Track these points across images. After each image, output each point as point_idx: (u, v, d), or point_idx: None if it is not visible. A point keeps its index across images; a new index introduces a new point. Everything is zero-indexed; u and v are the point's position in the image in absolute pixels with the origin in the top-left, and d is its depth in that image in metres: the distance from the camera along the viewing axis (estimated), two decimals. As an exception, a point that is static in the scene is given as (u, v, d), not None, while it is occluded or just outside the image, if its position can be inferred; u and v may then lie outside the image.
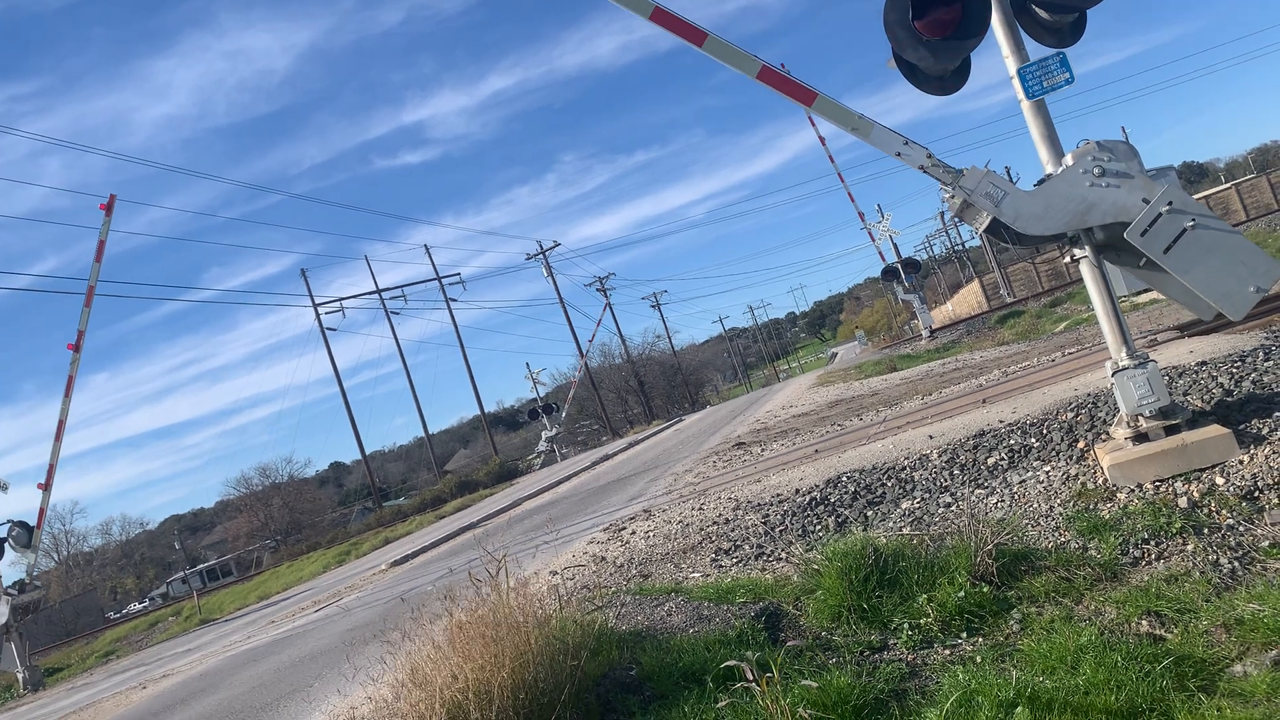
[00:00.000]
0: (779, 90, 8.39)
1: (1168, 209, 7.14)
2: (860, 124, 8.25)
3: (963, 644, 6.08)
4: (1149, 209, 7.18)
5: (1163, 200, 7.17)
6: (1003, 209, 7.65)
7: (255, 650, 16.27)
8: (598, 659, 6.26)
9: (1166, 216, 7.14)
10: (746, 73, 8.46)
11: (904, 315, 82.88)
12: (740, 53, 8.47)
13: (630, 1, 8.67)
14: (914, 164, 8.04)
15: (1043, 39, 8.26)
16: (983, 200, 7.70)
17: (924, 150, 8.02)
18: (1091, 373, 12.40)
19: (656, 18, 8.61)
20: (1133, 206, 7.29)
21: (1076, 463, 8.20)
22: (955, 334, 44.58)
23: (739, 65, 8.46)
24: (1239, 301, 7.17)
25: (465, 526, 26.91)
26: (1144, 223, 7.18)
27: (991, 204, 7.68)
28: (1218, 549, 6.33)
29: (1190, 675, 4.92)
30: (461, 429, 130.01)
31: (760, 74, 8.40)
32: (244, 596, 39.26)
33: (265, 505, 75.97)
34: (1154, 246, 7.18)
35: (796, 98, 8.39)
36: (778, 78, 8.41)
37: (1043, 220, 7.60)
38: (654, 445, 34.59)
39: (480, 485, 54.04)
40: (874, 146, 8.17)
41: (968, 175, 7.79)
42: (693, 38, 8.53)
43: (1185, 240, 7.12)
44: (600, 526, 13.36)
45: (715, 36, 8.48)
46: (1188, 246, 7.12)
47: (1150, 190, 7.26)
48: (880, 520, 8.61)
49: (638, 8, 8.66)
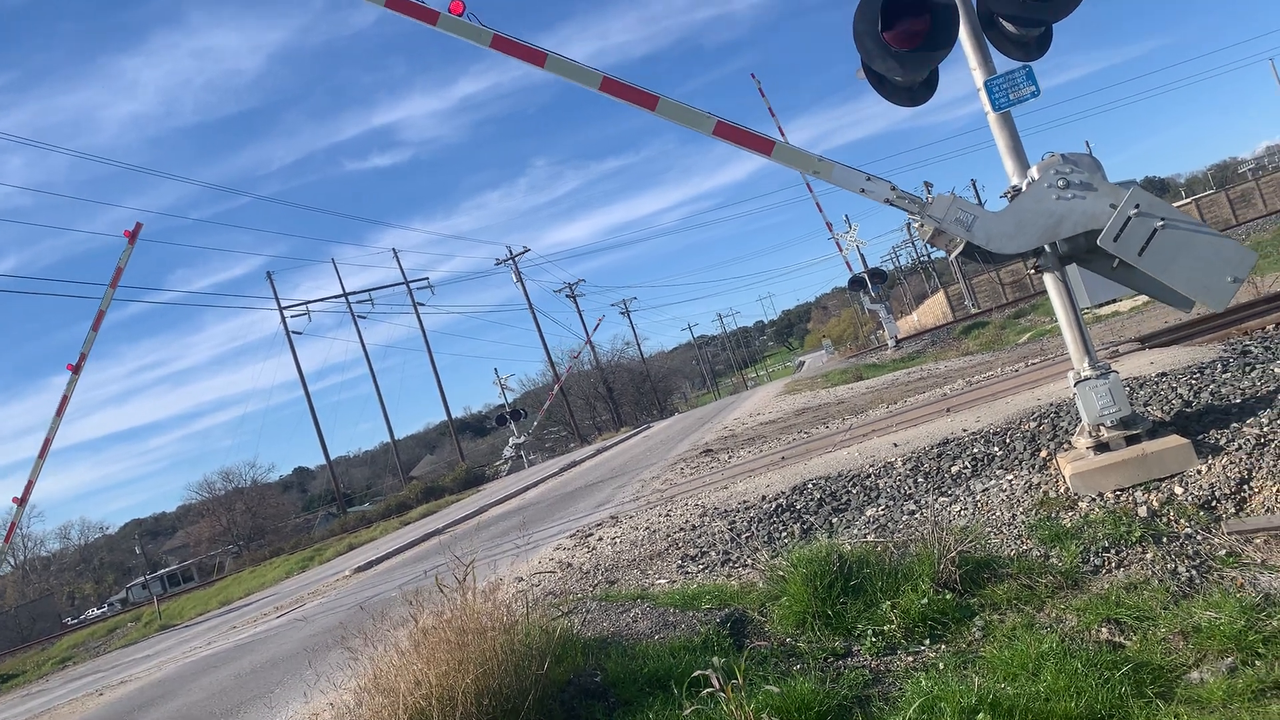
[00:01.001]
0: (737, 143, 8.59)
1: (1136, 212, 7.24)
2: (820, 166, 8.37)
3: (926, 651, 6.12)
4: (1117, 214, 7.27)
5: (1130, 204, 7.27)
6: (974, 233, 7.74)
7: (216, 656, 16.06)
8: (563, 665, 6.24)
9: (1136, 220, 7.24)
10: (702, 130, 8.65)
11: (870, 325, 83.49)
12: (693, 112, 8.64)
13: (580, 75, 8.89)
14: (879, 198, 8.15)
15: (1010, 52, 8.35)
16: (954, 227, 7.78)
17: (887, 184, 8.12)
18: (1054, 383, 12.54)
19: (606, 87, 8.81)
20: (1101, 214, 7.38)
21: (1039, 472, 8.28)
22: (920, 344, 44.96)
23: (694, 124, 8.67)
24: (1219, 293, 7.28)
25: (430, 533, 26.74)
26: (1115, 228, 7.28)
27: (963, 229, 7.76)
28: (1176, 558, 6.42)
29: (1149, 682, 4.98)
30: (428, 434, 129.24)
31: (716, 130, 8.58)
32: (205, 602, 38.76)
33: (228, 510, 75.06)
34: (1128, 250, 7.28)
35: (755, 148, 8.55)
36: (735, 131, 8.57)
37: (1015, 238, 7.68)
38: (622, 452, 34.58)
39: (446, 491, 53.71)
40: (837, 186, 8.29)
41: (935, 203, 7.86)
42: (645, 103, 8.74)
43: (1157, 241, 7.22)
44: (567, 533, 13.33)
45: (666, 99, 8.68)
46: (1161, 246, 7.23)
47: (1116, 196, 7.36)
48: (845, 527, 8.65)
49: (588, 80, 8.88)
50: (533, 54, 8.96)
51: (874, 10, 7.79)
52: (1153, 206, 7.28)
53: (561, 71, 8.92)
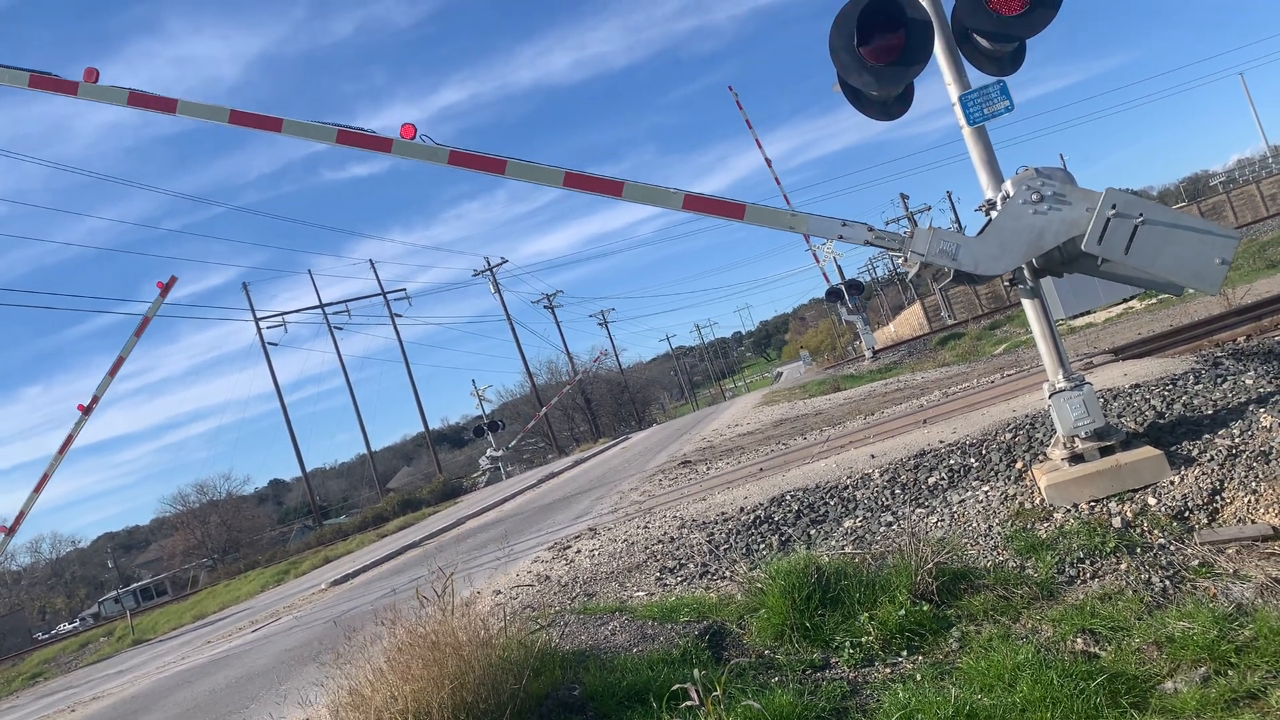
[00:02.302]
0: (709, 213, 8.79)
1: (1114, 213, 7.31)
2: (795, 221, 8.49)
3: (903, 662, 6.14)
4: (1096, 217, 7.34)
5: (1106, 205, 7.34)
6: (961, 261, 7.80)
7: (190, 671, 15.89)
8: (540, 679, 6.21)
9: (1115, 220, 7.31)
10: (671, 207, 8.79)
11: (848, 336, 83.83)
12: (660, 191, 8.80)
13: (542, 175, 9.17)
14: (858, 241, 8.25)
15: (984, 67, 8.44)
16: (940, 258, 7.85)
17: (863, 226, 8.22)
18: (1029, 394, 12.63)
19: (569, 183, 8.98)
20: (1081, 219, 7.45)
21: (1015, 483, 8.34)
22: (897, 355, 45.20)
23: (662, 203, 8.87)
24: (1210, 277, 7.35)
25: (407, 545, 26.58)
26: (1096, 231, 7.35)
27: (949, 259, 7.83)
28: (1150, 568, 6.48)
29: (1123, 692, 5.01)
30: (405, 446, 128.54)
31: (685, 204, 8.69)
32: (179, 616, 38.34)
33: (202, 523, 74.26)
34: (1113, 250, 7.34)
35: (728, 215, 8.70)
36: (705, 201, 8.73)
37: (1001, 258, 7.74)
38: (600, 463, 34.53)
39: (424, 503, 53.43)
40: (815, 235, 8.37)
41: (916, 239, 7.93)
42: (611, 190, 8.94)
43: (1140, 237, 7.29)
44: (545, 545, 13.29)
45: (632, 183, 8.85)
46: (1144, 241, 7.29)
47: (1091, 200, 7.43)
48: (823, 539, 8.67)
49: (550, 179, 9.05)
50: (492, 163, 9.18)
51: (850, 25, 7.86)
52: (1129, 205, 7.34)
53: (522, 175, 9.11)
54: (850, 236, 8.22)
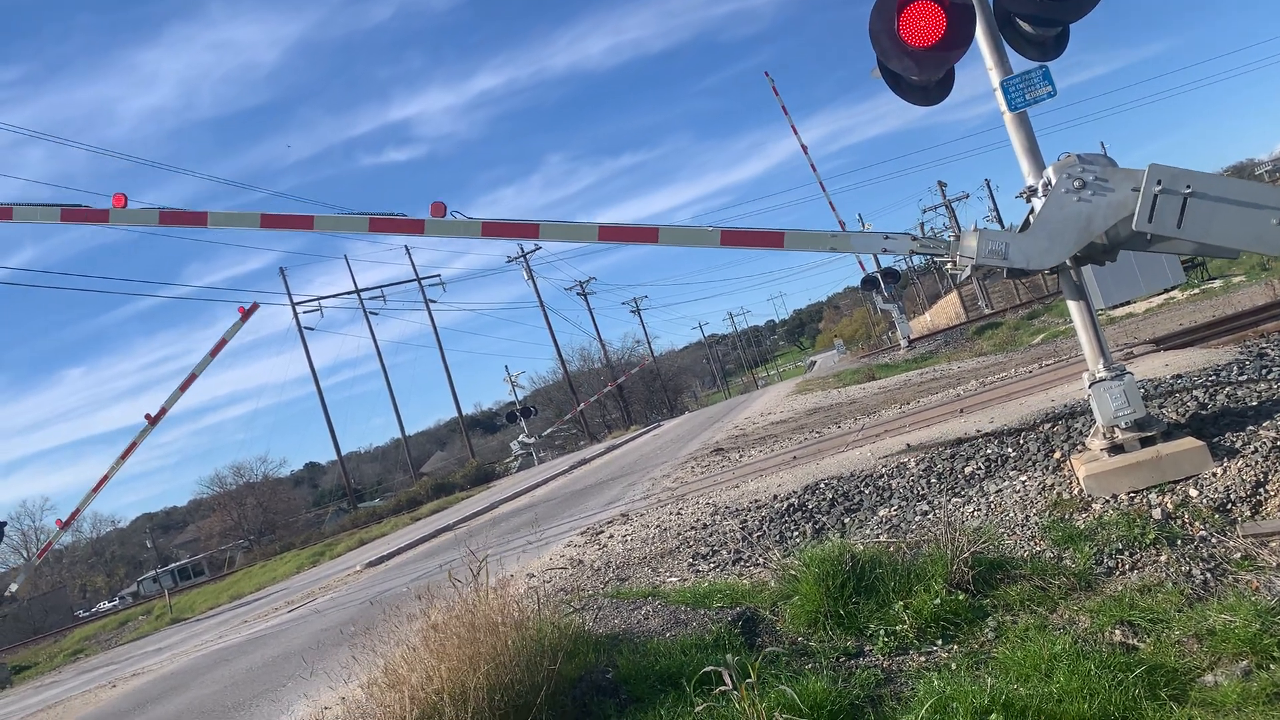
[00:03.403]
0: (746, 245, 8.88)
1: (1159, 189, 7.20)
2: (837, 241, 8.50)
3: (938, 651, 6.11)
4: (1143, 195, 7.23)
5: (1151, 182, 7.22)
6: (1012, 258, 7.74)
7: (227, 650, 16.14)
8: (574, 661, 6.25)
9: (1162, 196, 7.20)
10: (710, 244, 8.88)
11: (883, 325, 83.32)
12: (697, 231, 8.89)
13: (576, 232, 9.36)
14: (903, 252, 8.26)
15: (1026, 52, 8.32)
16: (990, 259, 7.79)
17: (907, 237, 8.27)
18: (1068, 384, 12.49)
19: (604, 236, 9.17)
20: (1128, 200, 7.35)
21: (1052, 473, 8.26)
22: (933, 344, 44.81)
23: (700, 242, 9.01)
24: (1272, 239, 7.22)
25: (441, 529, 26.81)
26: (1145, 210, 7.24)
27: (1000, 258, 7.78)
28: (1190, 560, 6.39)
29: (1162, 684, 4.96)
30: (439, 431, 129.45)
31: (723, 239, 8.77)
32: (216, 596, 38.92)
33: (239, 505, 75.28)
34: (1166, 225, 7.23)
35: (767, 244, 8.75)
36: (740, 234, 8.82)
37: (1052, 250, 7.65)
38: (632, 450, 34.59)
39: (457, 488, 53.84)
40: (858, 252, 8.42)
41: (964, 243, 7.87)
42: (647, 237, 9.03)
43: (1191, 208, 7.17)
44: (578, 530, 13.35)
45: (666, 228, 8.92)
46: (1196, 212, 7.18)
47: (1135, 179, 7.32)
48: (857, 527, 8.64)
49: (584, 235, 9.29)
50: (526, 229, 9.32)
51: (890, 9, 7.77)
52: (1175, 178, 7.21)
53: (555, 236, 9.35)
54: (895, 249, 8.27)
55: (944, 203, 77.74)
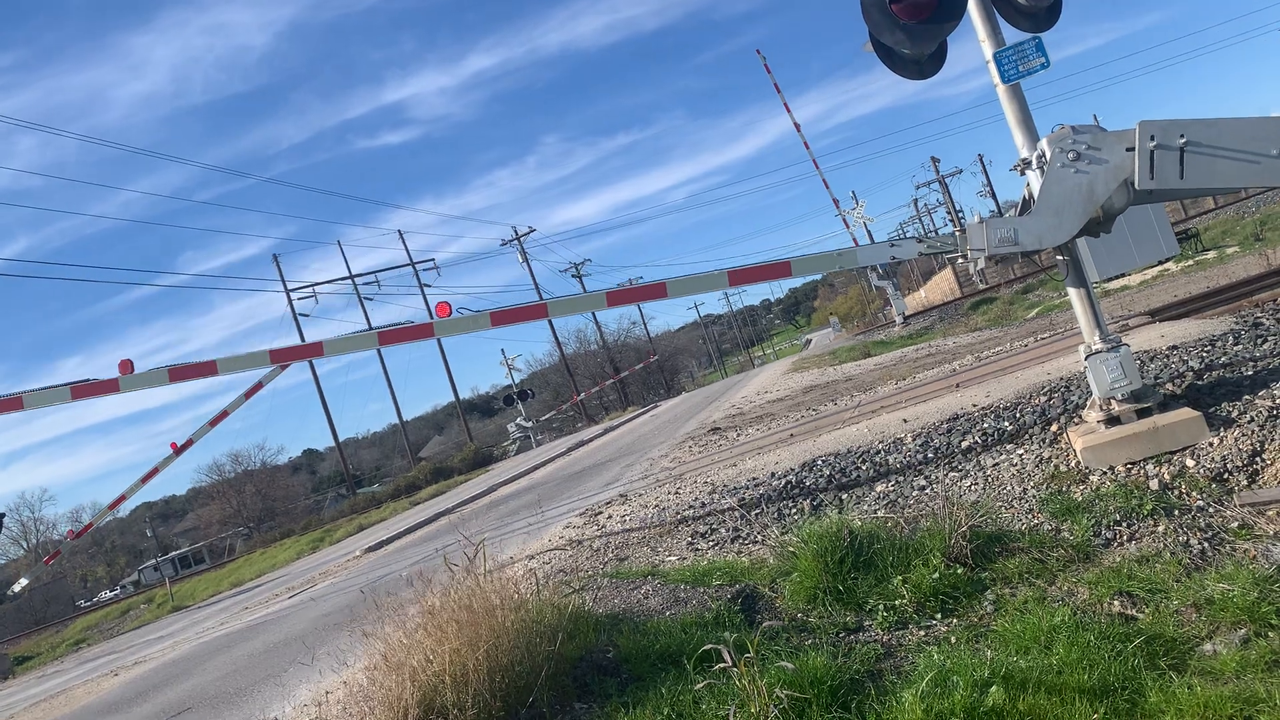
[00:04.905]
0: (755, 280, 9.04)
1: (1154, 144, 7.17)
2: (843, 258, 8.58)
3: (937, 625, 6.12)
4: (1139, 154, 7.20)
5: (1145, 138, 7.19)
6: (1023, 242, 7.71)
7: (229, 636, 16.17)
8: (574, 641, 6.25)
9: (1159, 151, 7.17)
10: (719, 287, 9.17)
11: (878, 302, 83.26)
12: (706, 277, 8.99)
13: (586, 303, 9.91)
14: (911, 255, 8.37)
15: (1019, 23, 8.27)
16: (1002, 246, 7.76)
17: (913, 240, 8.36)
18: (1064, 357, 12.49)
19: (613, 300, 9.48)
20: (1125, 161, 7.32)
21: (1049, 446, 8.26)
22: (928, 320, 44.85)
23: (709, 287, 9.11)
24: (1275, 170, 7.17)
25: (440, 513, 26.83)
26: (1144, 167, 7.21)
27: (1011, 244, 7.75)
28: (1188, 530, 6.40)
29: (1161, 654, 4.98)
30: (436, 415, 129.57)
31: (731, 279, 8.95)
32: (217, 584, 39.01)
33: (238, 492, 75.50)
34: (1169, 179, 7.20)
35: (776, 276, 8.89)
36: (749, 272, 8.93)
37: (1061, 226, 7.61)
38: (630, 431, 34.62)
39: (455, 471, 53.88)
40: (868, 264, 8.50)
41: (971, 236, 7.84)
42: (656, 294, 9.25)
43: (1189, 158, 7.14)
44: (576, 511, 13.36)
45: (674, 280, 9.10)
46: (1195, 161, 7.15)
47: (1128, 139, 7.29)
48: (855, 503, 8.65)
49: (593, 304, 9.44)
50: (535, 310, 9.53)
51: (882, -18, 7.72)
52: (1167, 131, 7.18)
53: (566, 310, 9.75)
54: (903, 254, 8.33)
55: (937, 178, 77.63)
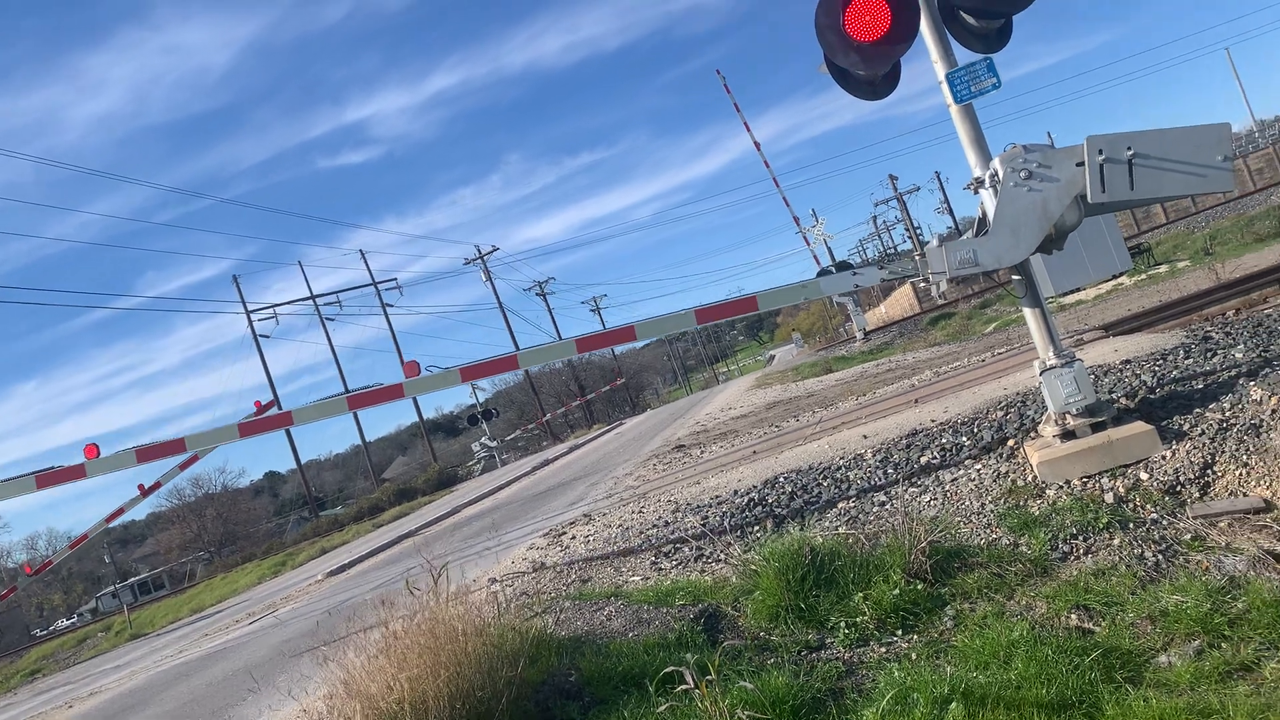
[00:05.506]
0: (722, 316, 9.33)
1: (1102, 158, 7.29)
2: (808, 290, 8.75)
3: (898, 641, 6.15)
4: (1089, 168, 7.33)
5: (1093, 152, 7.32)
6: (983, 262, 7.81)
7: (187, 665, 15.89)
8: (536, 666, 6.21)
9: (1107, 165, 7.29)
10: (687, 326, 9.34)
11: (839, 317, 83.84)
12: (674, 317, 9.28)
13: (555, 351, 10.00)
14: (873, 282, 8.54)
15: (970, 45, 8.41)
16: (962, 268, 7.86)
17: (875, 267, 8.57)
18: (1020, 372, 12.65)
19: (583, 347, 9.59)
20: (1076, 176, 7.44)
21: (1007, 460, 8.35)
22: (889, 335, 45.23)
23: (676, 327, 9.48)
24: (1220, 177, 7.31)
25: (404, 535, 26.59)
26: (1095, 181, 7.33)
27: (971, 265, 7.84)
28: (1142, 543, 6.49)
29: (1118, 667, 5.03)
30: (400, 436, 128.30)
31: (699, 317, 9.12)
32: (177, 610, 38.31)
33: (198, 517, 74.31)
34: (1120, 192, 7.33)
35: (742, 311, 9.10)
36: (716, 309, 9.11)
37: (1019, 244, 7.72)
38: (595, 449, 34.55)
39: (419, 492, 53.46)
40: (832, 293, 8.67)
41: (931, 259, 7.95)
42: (625, 338, 9.50)
43: (1137, 169, 7.27)
44: (540, 532, 13.29)
45: (642, 323, 9.36)
46: (1143, 172, 7.28)
47: (1076, 154, 7.42)
48: (817, 520, 8.68)
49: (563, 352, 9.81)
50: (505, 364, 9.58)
51: (836, 4, 7.81)
52: (1113, 144, 7.31)
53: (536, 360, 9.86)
54: (865, 281, 8.52)
55: (896, 195, 78.46)
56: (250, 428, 10.12)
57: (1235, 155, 8.22)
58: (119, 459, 10.35)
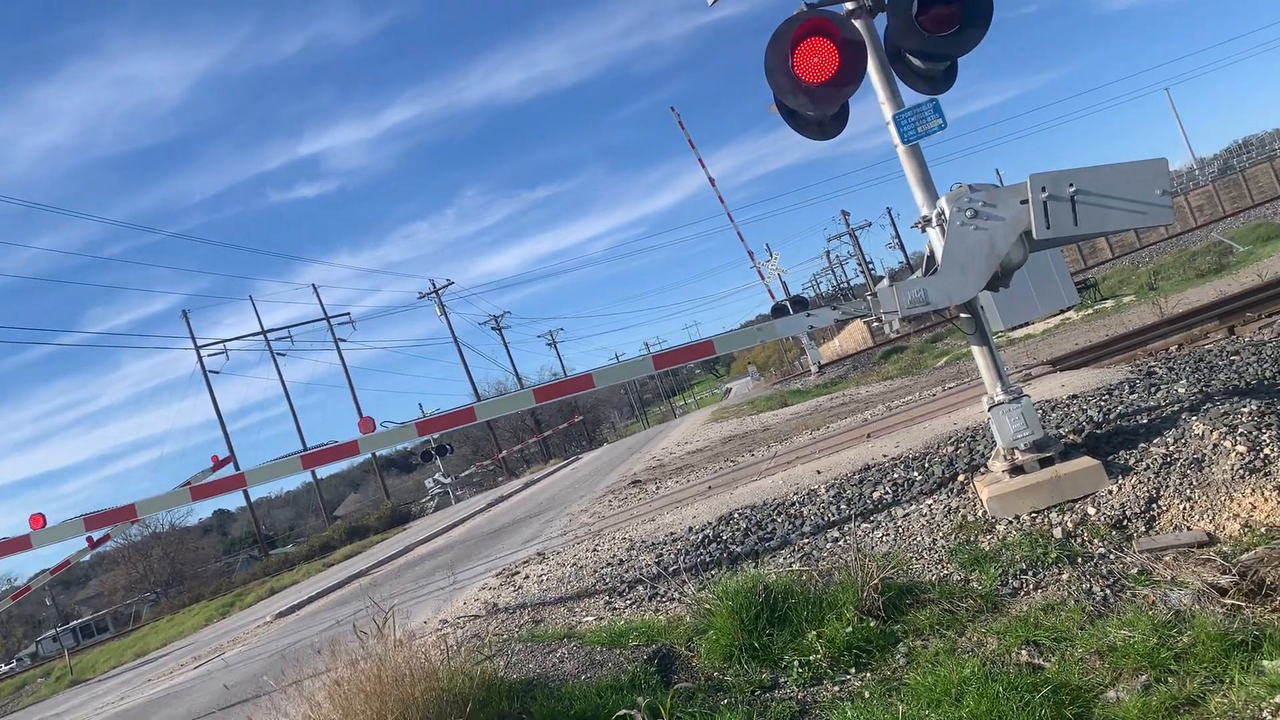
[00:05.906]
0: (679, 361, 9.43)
1: (1046, 195, 7.43)
2: (764, 333, 8.99)
3: (851, 679, 6.13)
4: (1034, 205, 7.46)
5: (1036, 190, 7.45)
6: (934, 300, 7.90)
7: (127, 713, 15.44)
8: (486, 710, 6.11)
9: (1051, 201, 7.43)
10: (645, 372, 9.64)
11: (794, 350, 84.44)
12: (630, 364, 9.65)
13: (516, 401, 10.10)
14: (827, 322, 8.67)
15: (917, 86, 8.55)
16: (915, 308, 7.97)
17: (827, 309, 8.60)
18: (970, 407, 12.79)
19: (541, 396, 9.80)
20: (1021, 214, 7.56)
21: (957, 495, 8.41)
22: (843, 369, 45.62)
23: (634, 373, 9.69)
24: (1159, 211, 7.45)
25: (355, 574, 26.16)
26: (1040, 218, 7.46)
27: (923, 304, 7.93)
28: (1090, 577, 6.55)
29: (1067, 703, 5.04)
30: (352, 473, 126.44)
31: (656, 363, 9.49)
32: (120, 654, 37.36)
33: (144, 556, 72.55)
34: (1064, 228, 7.46)
35: (700, 355, 9.18)
36: (674, 354, 9.36)
37: (968, 282, 7.82)
38: (551, 485, 34.33)
39: (372, 530, 52.80)
40: (787, 334, 8.83)
41: (883, 299, 8.05)
42: (583, 385, 9.58)
43: (1080, 205, 7.41)
44: (494, 571, 13.14)
45: (599, 370, 9.57)
46: (1087, 208, 7.42)
47: (1020, 192, 7.56)
48: (771, 556, 8.66)
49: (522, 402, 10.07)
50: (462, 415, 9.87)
51: (785, 46, 7.92)
52: (1056, 182, 7.46)
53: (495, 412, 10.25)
54: (820, 321, 8.58)
55: (848, 230, 79.45)
56: (202, 491, 10.04)
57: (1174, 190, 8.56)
58: (66, 528, 10.17)
